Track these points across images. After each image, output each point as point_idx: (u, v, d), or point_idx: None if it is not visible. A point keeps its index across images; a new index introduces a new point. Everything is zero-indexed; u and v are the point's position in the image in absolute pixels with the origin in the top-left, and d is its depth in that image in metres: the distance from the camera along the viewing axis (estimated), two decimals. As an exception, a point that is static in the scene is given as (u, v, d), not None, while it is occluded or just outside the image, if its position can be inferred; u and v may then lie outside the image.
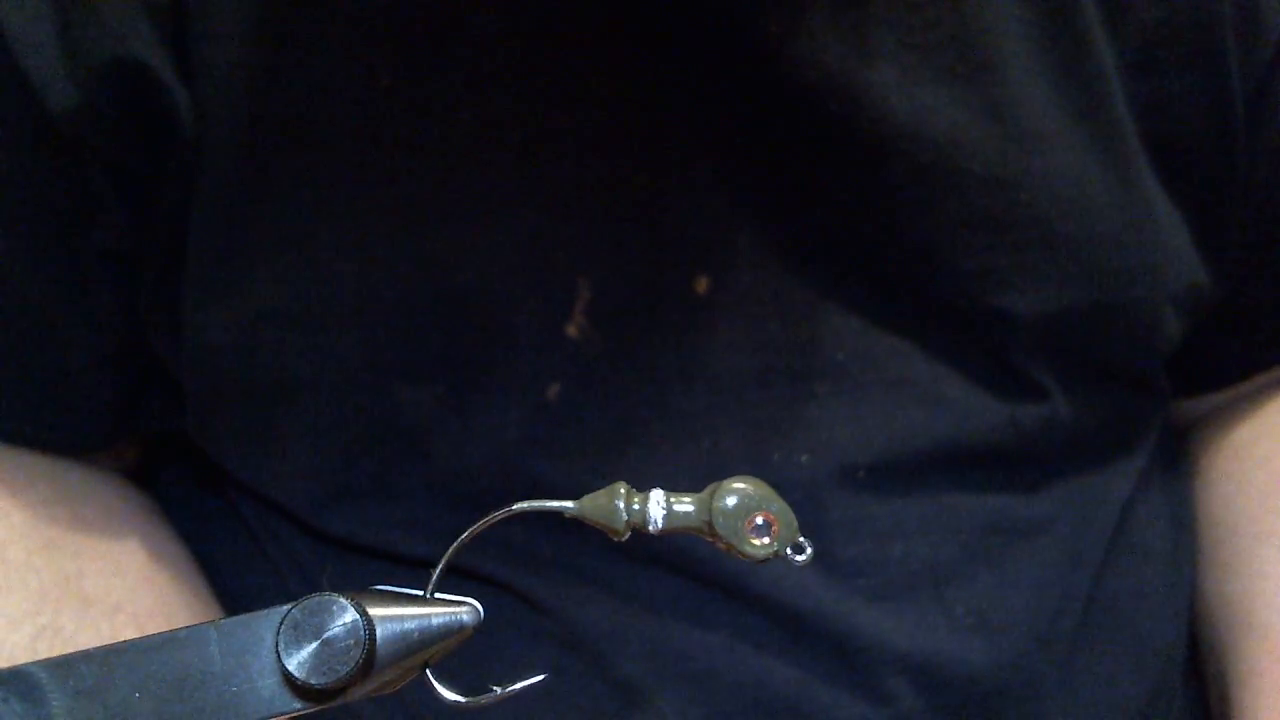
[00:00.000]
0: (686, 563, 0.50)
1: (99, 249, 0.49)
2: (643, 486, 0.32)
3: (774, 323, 0.50)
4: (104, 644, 0.30)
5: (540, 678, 0.33)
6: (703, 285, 0.49)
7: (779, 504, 0.31)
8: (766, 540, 0.31)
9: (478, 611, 0.31)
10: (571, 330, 0.49)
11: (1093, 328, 0.52)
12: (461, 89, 0.47)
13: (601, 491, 0.32)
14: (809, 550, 0.32)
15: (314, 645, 0.29)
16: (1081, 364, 0.53)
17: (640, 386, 0.50)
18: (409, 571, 0.51)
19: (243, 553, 0.55)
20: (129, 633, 0.50)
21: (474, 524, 0.32)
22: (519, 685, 0.32)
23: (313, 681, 0.29)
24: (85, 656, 0.29)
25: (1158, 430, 0.58)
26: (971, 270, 0.50)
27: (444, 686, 0.31)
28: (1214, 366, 0.60)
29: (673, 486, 0.32)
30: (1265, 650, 0.55)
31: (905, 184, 0.49)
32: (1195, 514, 0.61)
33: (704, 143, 0.48)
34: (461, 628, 0.31)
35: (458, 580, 0.50)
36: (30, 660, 0.44)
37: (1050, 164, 0.49)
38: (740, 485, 0.31)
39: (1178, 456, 0.62)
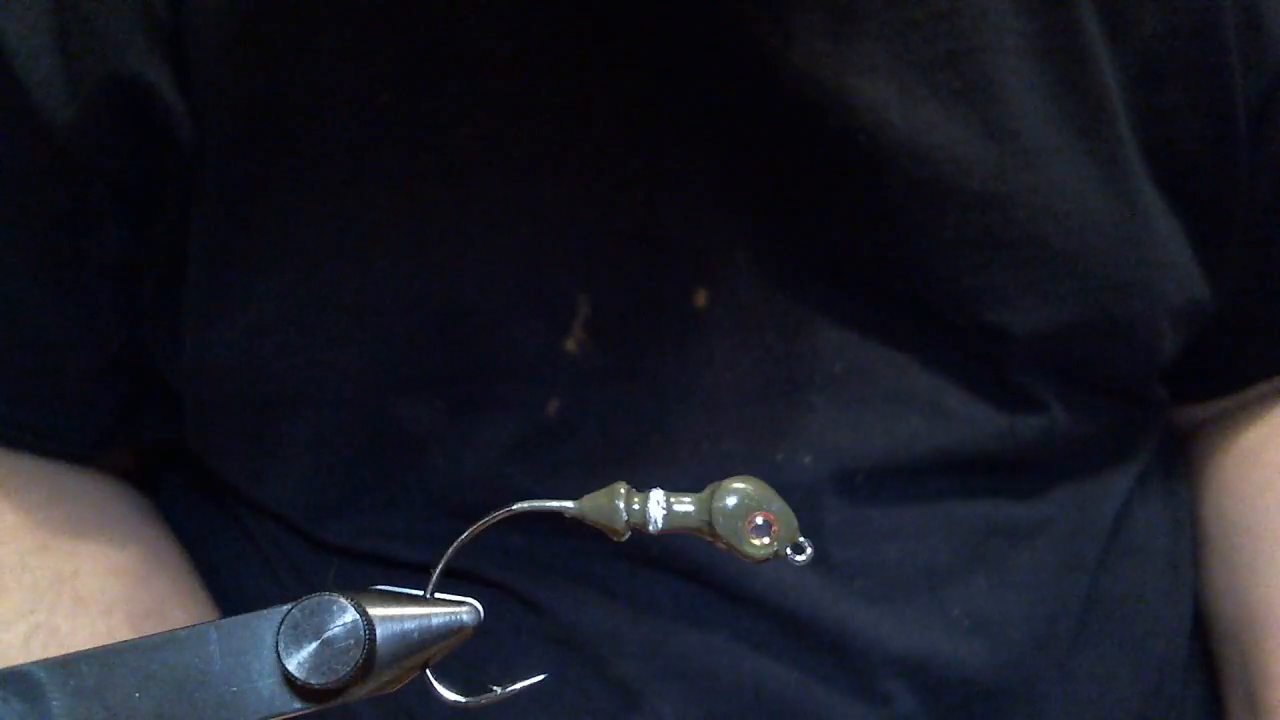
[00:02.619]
0: (684, 564, 0.50)
1: (98, 260, 0.49)
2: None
3: (772, 336, 0.50)
4: (102, 644, 0.30)
5: (540, 678, 0.33)
6: (701, 299, 0.49)
7: (779, 504, 0.31)
8: (766, 540, 0.31)
9: (478, 611, 0.31)
10: (571, 345, 0.49)
11: (1090, 342, 0.52)
12: (460, 105, 0.47)
13: (601, 491, 0.32)
14: (809, 550, 0.32)
15: (314, 645, 0.29)
16: (1079, 377, 0.52)
17: (640, 401, 0.50)
18: (407, 577, 0.51)
19: (242, 558, 0.55)
20: (123, 633, 0.50)
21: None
22: (519, 685, 0.32)
23: (313, 681, 0.29)
24: (85, 656, 0.29)
25: (1156, 436, 0.58)
26: (969, 286, 0.50)
27: (444, 686, 0.31)
28: (1215, 374, 0.60)
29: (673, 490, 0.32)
30: None
31: (903, 200, 0.49)
32: (1195, 517, 0.61)
33: (702, 157, 0.48)
34: (461, 628, 0.31)
35: (456, 583, 0.50)
36: (23, 659, 0.45)
37: (1048, 180, 0.49)
38: (740, 485, 0.31)
39: (1176, 460, 0.62)
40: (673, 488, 0.49)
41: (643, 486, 0.48)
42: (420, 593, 0.31)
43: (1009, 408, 0.52)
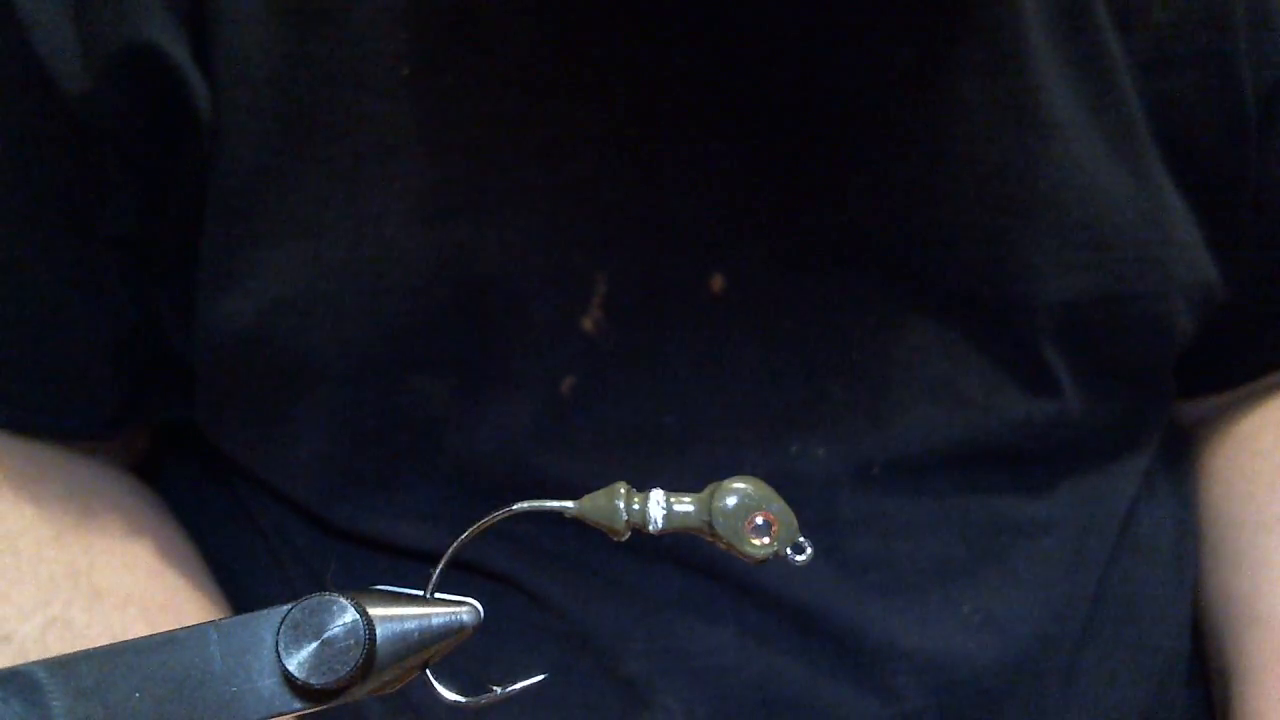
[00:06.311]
0: (693, 559, 0.50)
1: (111, 235, 0.49)
2: (654, 482, 0.32)
3: (789, 320, 0.50)
4: (107, 642, 0.30)
5: (540, 678, 0.33)
6: (717, 283, 0.49)
7: (779, 504, 0.31)
8: (766, 540, 0.31)
9: (478, 611, 0.31)
10: (587, 324, 0.49)
11: (1106, 319, 0.52)
12: (481, 83, 0.47)
13: (601, 491, 0.32)
14: (809, 550, 0.31)
15: (314, 645, 0.29)
16: (1095, 358, 0.53)
17: (654, 382, 0.50)
18: (414, 566, 0.51)
19: (247, 546, 0.55)
20: (139, 626, 0.50)
21: (481, 516, 0.32)
22: (519, 685, 0.32)
23: (313, 681, 0.29)
24: (85, 656, 0.29)
25: (1162, 432, 0.58)
26: (989, 257, 0.50)
27: (444, 686, 0.31)
28: (1222, 368, 0.60)
29: (685, 483, 0.32)
30: (1268, 643, 0.55)
31: (921, 173, 0.49)
32: (1199, 513, 0.61)
33: (721, 139, 0.48)
34: (461, 628, 0.31)
35: (462, 575, 0.50)
36: (39, 652, 0.45)
37: (1066, 153, 0.50)
38: (740, 485, 0.31)
39: (1183, 460, 0.62)
40: (686, 472, 0.49)
41: (655, 469, 0.49)
42: (420, 592, 0.31)
43: (1026, 391, 0.52)
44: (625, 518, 0.31)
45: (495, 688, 0.32)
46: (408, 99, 0.47)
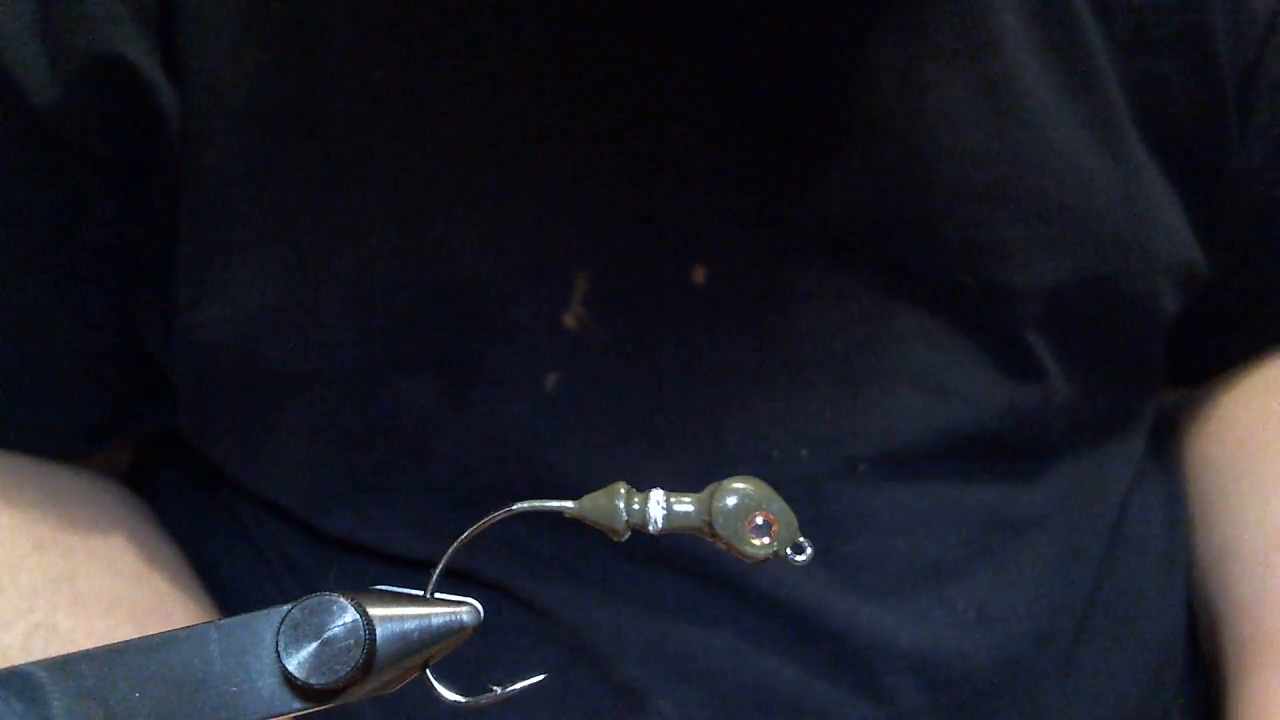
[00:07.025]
0: (688, 562, 0.50)
1: (89, 246, 0.49)
2: (642, 479, 0.32)
3: (772, 313, 0.50)
4: (103, 643, 0.30)
5: (540, 678, 0.33)
6: (699, 276, 0.49)
7: (779, 504, 0.31)
8: (766, 540, 0.31)
9: (478, 611, 0.31)
10: (569, 321, 0.49)
11: (1091, 301, 0.52)
12: (457, 83, 0.47)
13: (601, 491, 0.32)
14: (809, 550, 0.32)
15: (314, 645, 0.29)
16: (1080, 342, 0.53)
17: (639, 378, 0.50)
18: (407, 573, 0.51)
19: (239, 555, 0.55)
20: (125, 629, 0.49)
21: (473, 522, 0.31)
22: (519, 685, 0.32)
23: (313, 681, 0.29)
24: (85, 656, 0.29)
25: (1151, 422, 0.58)
26: (970, 243, 0.50)
27: (444, 687, 0.31)
28: (1208, 357, 0.61)
29: (673, 478, 0.32)
30: (1261, 630, 0.55)
31: (899, 162, 0.49)
32: (1190, 511, 0.61)
33: (699, 133, 0.49)
34: (461, 628, 0.31)
35: (457, 582, 0.50)
36: (24, 659, 0.44)
37: (1044, 138, 0.50)
38: (740, 485, 0.31)
39: (1171, 452, 0.62)
40: (673, 468, 0.49)
41: (642, 466, 0.49)
42: (420, 593, 0.31)
43: (1010, 378, 0.52)
44: (625, 517, 0.31)
45: (495, 688, 0.32)
46: (381, 103, 0.47)
